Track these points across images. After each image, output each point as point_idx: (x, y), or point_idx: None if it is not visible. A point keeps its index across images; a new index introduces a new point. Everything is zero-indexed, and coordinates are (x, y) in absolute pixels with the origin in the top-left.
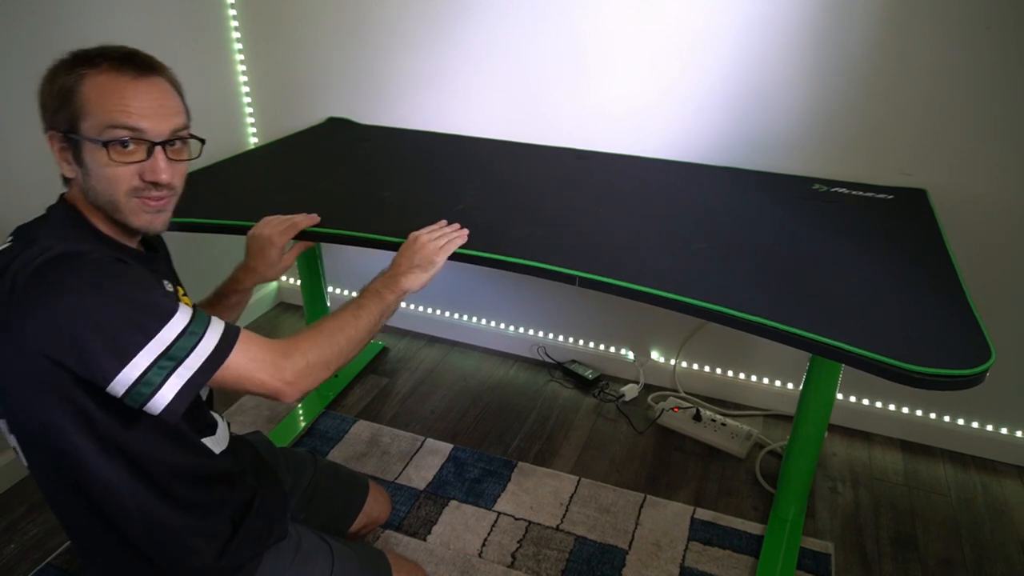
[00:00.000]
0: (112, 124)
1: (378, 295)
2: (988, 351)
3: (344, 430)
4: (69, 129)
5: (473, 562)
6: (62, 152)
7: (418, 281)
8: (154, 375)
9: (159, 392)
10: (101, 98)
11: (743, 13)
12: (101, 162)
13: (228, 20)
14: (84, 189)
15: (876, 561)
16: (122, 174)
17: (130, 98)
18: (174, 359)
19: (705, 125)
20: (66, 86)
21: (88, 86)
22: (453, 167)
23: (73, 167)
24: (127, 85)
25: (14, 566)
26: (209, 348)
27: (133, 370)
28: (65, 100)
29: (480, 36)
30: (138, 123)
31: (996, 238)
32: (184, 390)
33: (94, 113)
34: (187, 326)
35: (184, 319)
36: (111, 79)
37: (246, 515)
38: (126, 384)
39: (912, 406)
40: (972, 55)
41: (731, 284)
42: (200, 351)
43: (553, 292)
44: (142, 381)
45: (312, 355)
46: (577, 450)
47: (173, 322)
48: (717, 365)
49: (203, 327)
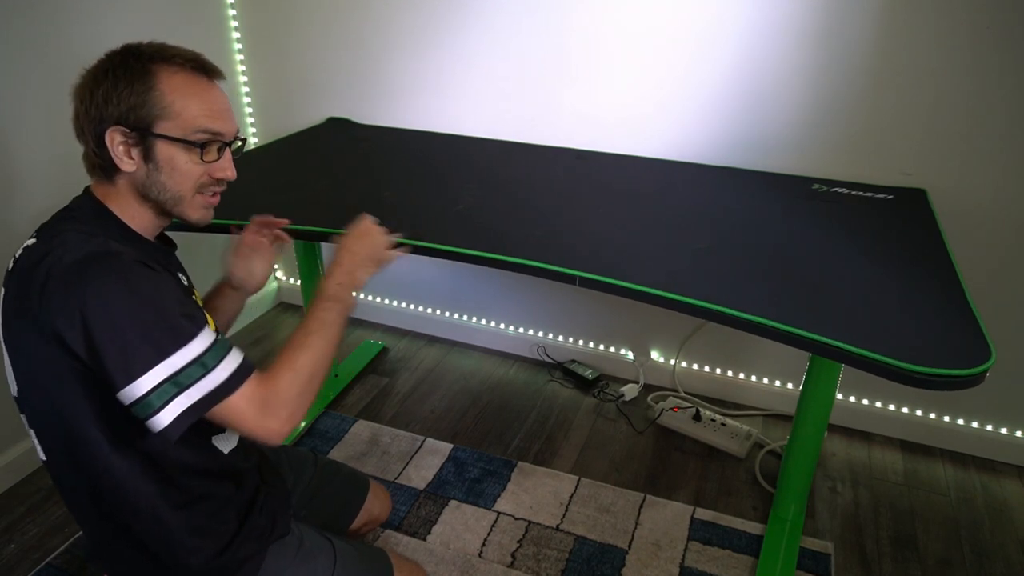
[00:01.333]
0: (201, 128)
1: (341, 303)
2: (988, 351)
3: (344, 430)
4: (144, 127)
5: (473, 562)
6: (125, 147)
7: (369, 275)
8: (156, 397)
9: (158, 414)
10: (186, 100)
11: (743, 14)
12: (181, 160)
13: (228, 21)
14: (143, 183)
15: (876, 561)
16: (196, 172)
17: (211, 101)
18: (179, 385)
19: (705, 125)
20: (139, 84)
21: (167, 86)
22: (453, 167)
23: (135, 162)
24: (207, 88)
25: (14, 566)
26: (216, 381)
27: (137, 388)
28: (140, 98)
29: (480, 36)
30: (221, 127)
31: (996, 238)
32: (183, 417)
33: (181, 115)
34: (201, 355)
35: (201, 346)
36: (191, 81)
37: (250, 512)
38: (131, 398)
39: (912, 406)
40: (972, 55)
41: (731, 284)
42: (205, 383)
43: (553, 292)
44: (144, 401)
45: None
46: (577, 450)
47: (189, 347)
48: (717, 365)
49: (217, 359)
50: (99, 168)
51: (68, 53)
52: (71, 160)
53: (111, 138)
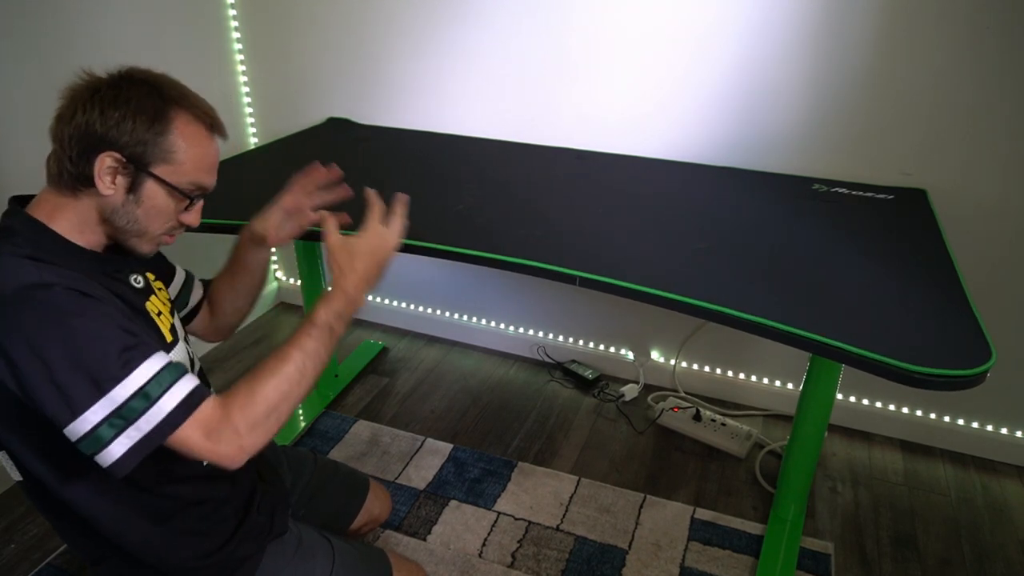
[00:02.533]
0: (195, 181)
1: (330, 331)
2: (988, 351)
3: (344, 430)
4: (143, 163)
5: (473, 562)
6: (112, 173)
7: (371, 290)
8: (104, 431)
9: (107, 448)
10: (191, 152)
11: (743, 14)
12: (162, 203)
13: (228, 20)
14: (113, 209)
15: (876, 561)
16: (171, 215)
17: (211, 157)
18: (124, 419)
19: (705, 125)
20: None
21: (180, 134)
22: (453, 167)
23: (116, 188)
24: (211, 144)
25: (14, 566)
26: (163, 412)
27: (83, 424)
28: (152, 138)
29: (480, 36)
30: (209, 183)
31: (996, 238)
32: (133, 451)
33: (183, 165)
34: (144, 385)
35: (144, 376)
36: (200, 135)
37: (248, 511)
38: (77, 435)
39: (912, 406)
40: (973, 55)
41: (731, 284)
42: (152, 415)
43: (553, 292)
44: (91, 436)
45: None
46: (577, 450)
47: (129, 380)
48: (717, 365)
49: (162, 389)
50: (68, 176)
51: (68, 53)
52: None
53: (102, 160)
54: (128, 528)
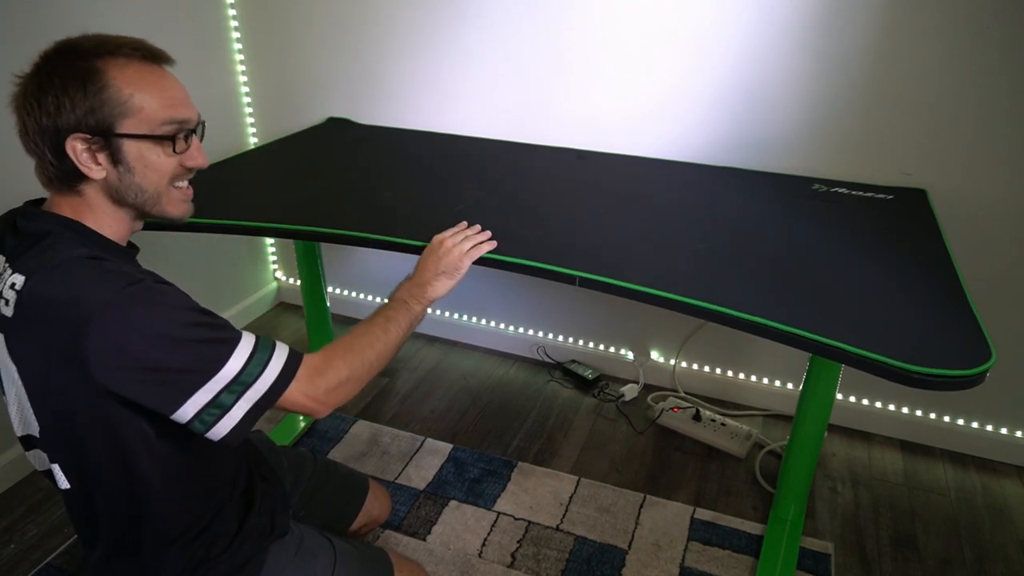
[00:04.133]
0: (166, 119)
1: (406, 306)
2: (988, 351)
3: (344, 430)
4: (106, 129)
5: (473, 562)
6: (90, 153)
7: (444, 288)
8: (225, 398)
9: (229, 413)
10: (144, 93)
11: (743, 14)
12: (152, 156)
13: (228, 20)
14: (117, 188)
15: (876, 561)
16: (169, 165)
17: (169, 89)
18: (244, 384)
19: (705, 125)
20: (91, 85)
21: (121, 81)
22: (453, 167)
23: (104, 167)
24: (161, 76)
25: (14, 566)
26: (275, 374)
27: (202, 396)
28: (95, 100)
29: (480, 36)
30: (185, 115)
31: (996, 238)
32: (252, 412)
33: (143, 109)
34: (253, 352)
35: (249, 345)
36: (143, 72)
37: (248, 513)
38: (196, 408)
39: (912, 406)
40: (973, 55)
41: (731, 284)
42: (266, 377)
43: (553, 292)
44: (214, 403)
45: (344, 373)
46: (577, 450)
47: (239, 350)
48: (717, 365)
49: (268, 353)
50: (59, 180)
51: None
52: None
53: (72, 147)
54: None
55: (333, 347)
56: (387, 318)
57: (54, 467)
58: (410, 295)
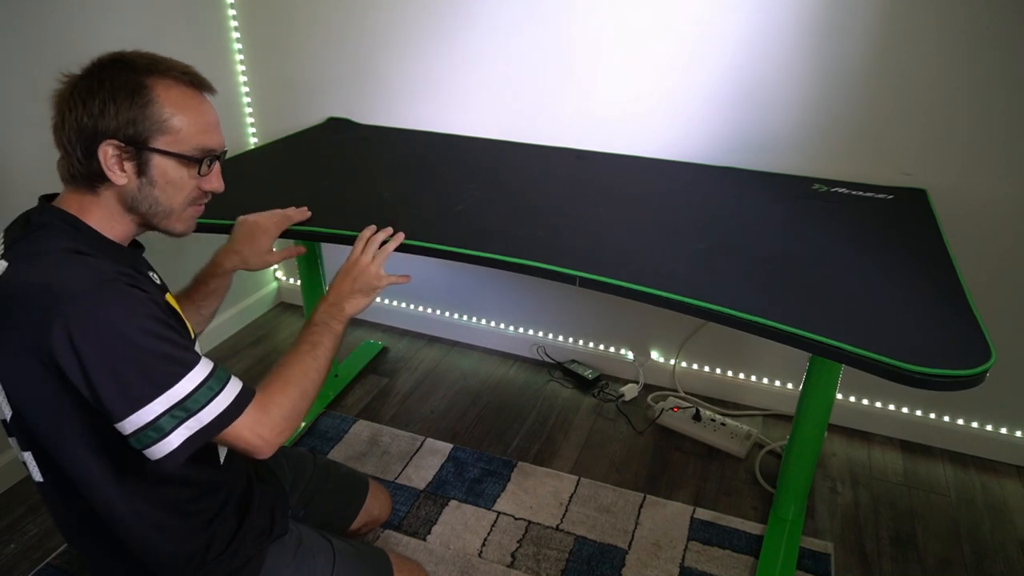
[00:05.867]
0: (197, 145)
1: (327, 327)
2: (988, 351)
3: (344, 430)
4: (140, 141)
5: (473, 562)
6: (119, 160)
7: (360, 306)
8: (165, 422)
9: (166, 438)
10: (183, 116)
11: (743, 14)
12: (175, 175)
13: (228, 20)
14: (133, 196)
15: (876, 561)
16: (189, 185)
17: (205, 116)
18: (187, 410)
19: (705, 125)
20: (137, 99)
21: (164, 101)
22: (453, 167)
23: (127, 175)
24: (201, 103)
25: (14, 566)
26: (222, 406)
27: (146, 415)
28: (137, 113)
29: (480, 36)
30: (214, 143)
31: (996, 238)
32: (190, 441)
33: (180, 131)
34: (205, 379)
35: (203, 372)
36: (186, 96)
37: (247, 513)
38: (136, 425)
39: (912, 406)
40: (973, 54)
41: (731, 284)
42: (212, 408)
43: (553, 292)
44: (152, 426)
45: (287, 407)
46: (577, 450)
47: (192, 374)
48: (717, 365)
49: (221, 384)
50: (81, 177)
51: (67, 54)
52: None
53: (104, 151)
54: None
55: (269, 384)
56: (313, 343)
57: (27, 456)
58: (329, 316)
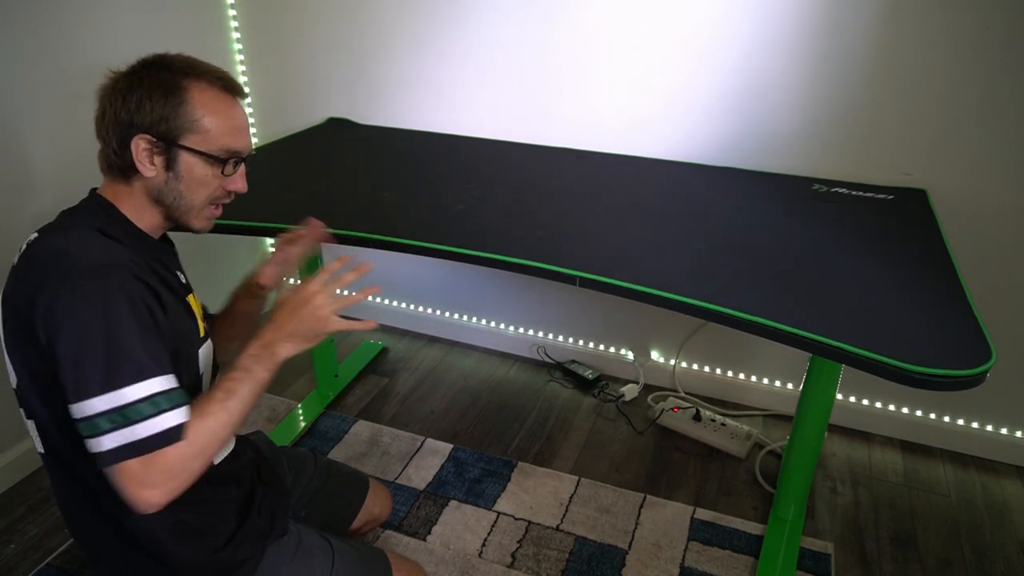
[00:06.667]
0: (225, 146)
1: (249, 374)
2: (988, 351)
3: (344, 430)
4: (172, 138)
5: (473, 562)
6: (149, 153)
7: (295, 350)
8: (102, 422)
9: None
10: (214, 117)
11: (744, 14)
12: (200, 172)
13: (228, 20)
14: (159, 189)
15: (876, 561)
16: (212, 184)
17: (235, 119)
18: (125, 417)
19: (705, 125)
20: (173, 98)
21: (198, 102)
22: (453, 167)
23: (156, 169)
24: (232, 106)
25: (14, 566)
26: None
27: (87, 408)
28: (171, 111)
29: (480, 37)
30: (241, 145)
31: (996, 238)
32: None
33: (210, 131)
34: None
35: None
36: (219, 99)
37: (248, 513)
38: (78, 415)
39: (912, 406)
40: (973, 55)
41: (731, 284)
42: (153, 424)
43: (553, 292)
44: (89, 422)
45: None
46: (577, 450)
47: (146, 384)
48: (717, 365)
49: (171, 404)
50: (116, 168)
51: (67, 54)
52: (78, 162)
53: (137, 144)
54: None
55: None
56: (227, 391)
57: (30, 424)
58: (256, 360)
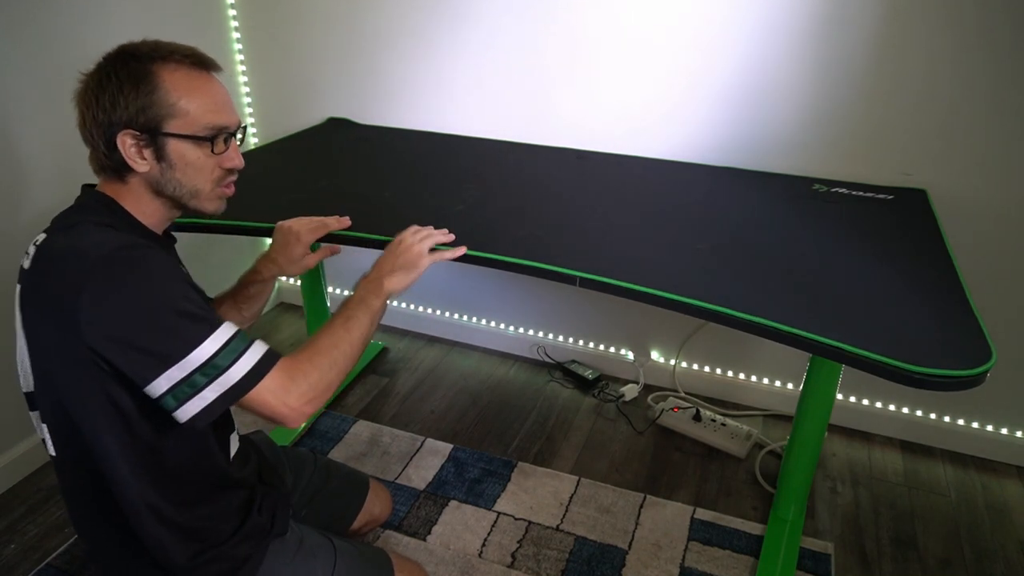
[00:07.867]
0: (208, 124)
1: (364, 303)
2: (988, 351)
3: (344, 430)
4: (153, 127)
5: (473, 562)
6: (137, 148)
7: (401, 283)
8: (198, 378)
9: (198, 395)
10: (191, 97)
11: (744, 14)
12: (192, 156)
13: (228, 20)
14: (158, 181)
15: (876, 561)
16: (208, 165)
17: (214, 95)
18: (217, 367)
19: (705, 125)
20: (143, 86)
21: (170, 85)
22: (453, 167)
23: (148, 162)
24: (208, 82)
25: (14, 566)
26: (246, 368)
27: (178, 371)
28: (146, 100)
29: (481, 37)
30: (226, 120)
31: (996, 238)
32: (219, 401)
33: (189, 113)
34: (229, 340)
35: (227, 333)
36: (192, 77)
37: (249, 512)
38: (170, 383)
39: (912, 406)
40: (973, 55)
41: (731, 284)
42: (236, 369)
43: (553, 292)
44: (187, 381)
45: (314, 377)
46: (577, 450)
47: (217, 333)
48: (717, 365)
49: (244, 345)
50: (109, 169)
51: (67, 54)
52: (75, 162)
53: (122, 141)
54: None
55: (298, 354)
56: (347, 317)
57: (43, 428)
58: (367, 291)
